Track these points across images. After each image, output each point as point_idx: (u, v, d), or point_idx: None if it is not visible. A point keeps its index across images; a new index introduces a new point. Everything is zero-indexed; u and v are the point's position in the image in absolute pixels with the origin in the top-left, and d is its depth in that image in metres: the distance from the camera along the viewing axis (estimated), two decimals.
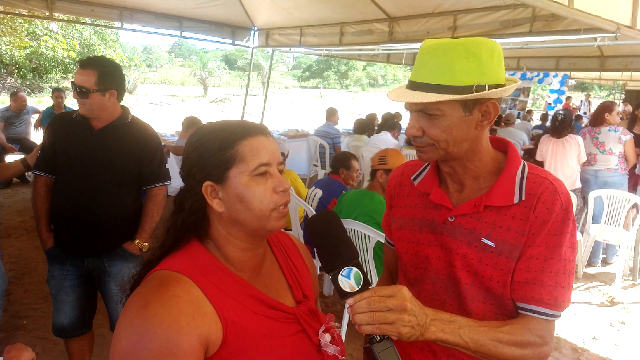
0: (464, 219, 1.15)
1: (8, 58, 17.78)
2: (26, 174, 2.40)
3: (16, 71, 18.82)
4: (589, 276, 4.85)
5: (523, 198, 1.11)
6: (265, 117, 8.66)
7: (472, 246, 1.13)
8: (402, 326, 0.93)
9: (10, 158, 6.78)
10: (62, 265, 2.35)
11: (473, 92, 1.03)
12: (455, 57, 1.03)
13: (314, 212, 3.44)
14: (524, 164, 1.17)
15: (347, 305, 0.95)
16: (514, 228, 1.10)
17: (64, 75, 21.21)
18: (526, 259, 1.09)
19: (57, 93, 7.00)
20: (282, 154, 4.55)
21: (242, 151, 0.96)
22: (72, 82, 2.23)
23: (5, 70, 18.77)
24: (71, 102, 9.74)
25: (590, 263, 5.02)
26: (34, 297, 3.80)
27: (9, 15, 12.70)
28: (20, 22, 15.12)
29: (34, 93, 18.61)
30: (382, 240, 1.52)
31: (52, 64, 19.93)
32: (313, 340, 1.03)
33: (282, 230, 1.15)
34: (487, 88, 1.04)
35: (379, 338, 0.93)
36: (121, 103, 2.36)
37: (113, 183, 2.28)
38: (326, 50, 8.08)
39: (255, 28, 7.67)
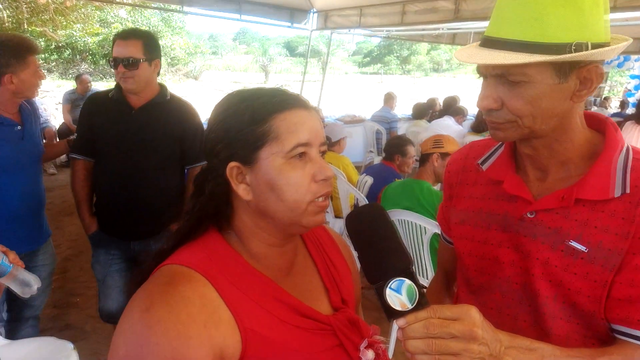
0: (548, 215, 0.93)
1: (81, 45, 18.73)
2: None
3: (89, 57, 19.81)
4: None
5: (627, 191, 0.87)
6: (322, 103, 8.51)
7: (556, 250, 0.92)
8: (469, 359, 0.72)
9: None
10: (107, 250, 2.33)
11: (571, 52, 0.79)
12: (548, 4, 0.79)
13: (365, 200, 3.22)
14: (628, 148, 0.91)
15: (394, 326, 0.73)
16: (614, 229, 0.87)
17: None
18: (630, 270, 0.85)
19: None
20: (329, 138, 4.35)
21: (277, 127, 0.79)
22: (114, 58, 2.14)
23: (79, 57, 19.80)
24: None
25: None
26: (89, 276, 3.88)
27: (80, 2, 13.32)
28: (92, 9, 15.84)
29: (105, 78, 19.53)
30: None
31: None
32: (352, 356, 0.84)
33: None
34: (589, 47, 0.79)
35: None
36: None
37: (155, 163, 2.21)
38: (387, 31, 7.75)
39: (314, 10, 7.49)
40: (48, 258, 2.40)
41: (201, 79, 30.14)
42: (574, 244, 0.90)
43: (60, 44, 17.94)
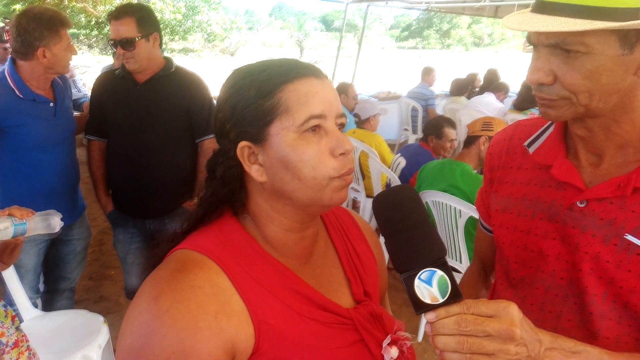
0: (601, 205, 0.84)
1: None
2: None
3: None
4: None
5: None
6: (357, 78, 8.34)
7: (609, 244, 0.83)
8: None
9: None
10: (125, 229, 2.36)
11: (639, 19, 0.69)
12: None
13: (397, 180, 3.11)
14: None
15: (423, 319, 0.67)
16: None
17: (172, 37, 22.38)
18: None
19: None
20: (358, 116, 4.24)
21: (286, 99, 0.72)
22: (111, 40, 2.13)
23: None
24: None
25: None
26: None
27: None
28: None
29: None
30: (477, 216, 1.18)
31: (160, 25, 21.05)
32: (374, 354, 0.78)
33: (346, 207, 0.89)
34: None
35: None
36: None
37: (164, 138, 2.19)
38: (426, 3, 7.45)
39: None
40: (84, 232, 2.45)
41: (237, 55, 30.24)
42: (630, 237, 0.81)
43: (100, 20, 18.30)
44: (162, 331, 0.65)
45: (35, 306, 2.25)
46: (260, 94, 0.73)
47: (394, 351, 0.80)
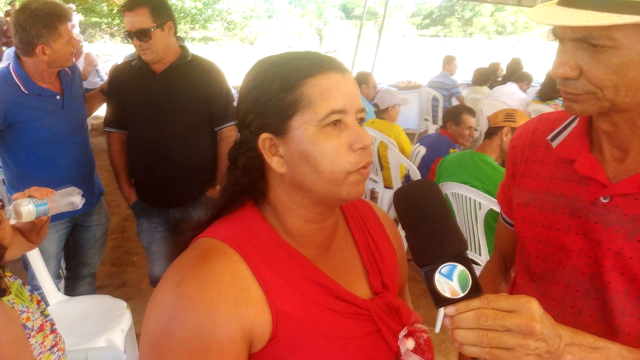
0: (625, 201, 0.83)
1: None
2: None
3: None
4: None
5: None
6: (376, 68, 8.26)
7: (632, 240, 0.82)
8: (524, 355, 0.67)
9: None
10: (149, 218, 2.39)
11: None
12: None
13: (416, 171, 3.09)
14: None
15: (441, 311, 0.70)
16: None
17: (192, 26, 22.44)
18: None
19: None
20: (377, 106, 4.19)
21: (309, 93, 0.73)
22: (126, 32, 2.13)
23: None
24: None
25: None
26: None
27: None
28: None
29: None
30: (497, 209, 1.17)
31: (181, 14, 21.15)
32: (390, 345, 0.79)
33: (364, 198, 0.89)
34: None
35: None
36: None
37: (184, 127, 2.20)
38: None
39: None
40: (102, 218, 2.49)
41: (257, 43, 30.18)
42: None
43: (122, 8, 18.47)
44: (184, 315, 0.68)
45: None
46: (283, 87, 0.74)
47: (410, 343, 0.81)
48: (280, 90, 0.74)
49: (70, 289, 2.51)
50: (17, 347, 1.30)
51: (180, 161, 2.21)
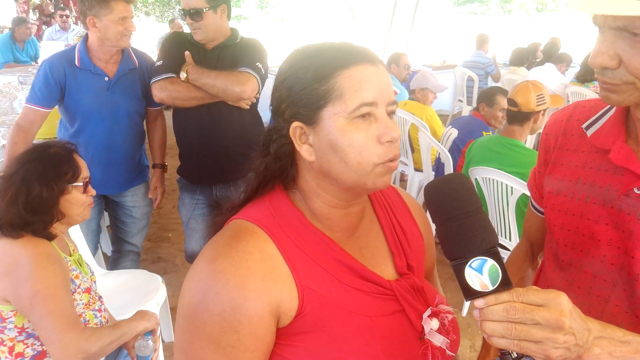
0: None
1: None
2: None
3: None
4: None
5: None
6: (409, 46, 8.09)
7: None
8: (553, 348, 0.67)
9: None
10: (192, 194, 2.44)
11: None
12: None
13: (447, 154, 3.06)
14: None
15: (467, 302, 0.68)
16: None
17: None
18: None
19: (176, 22, 7.32)
20: (409, 89, 4.11)
21: (341, 85, 0.75)
22: (181, 9, 2.19)
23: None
24: None
25: None
26: None
27: None
28: None
29: None
30: (529, 194, 1.17)
31: None
32: (414, 324, 0.82)
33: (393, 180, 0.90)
34: None
35: (515, 355, 0.70)
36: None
37: (229, 106, 2.23)
38: None
39: None
40: (139, 200, 2.57)
41: (288, 21, 29.96)
42: None
43: None
44: (216, 289, 0.73)
45: None
46: (316, 78, 0.76)
47: (435, 323, 0.82)
48: (314, 81, 0.76)
49: (115, 263, 2.62)
50: (63, 283, 1.41)
51: (223, 137, 2.25)
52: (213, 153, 2.28)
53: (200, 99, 2.20)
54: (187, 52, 2.19)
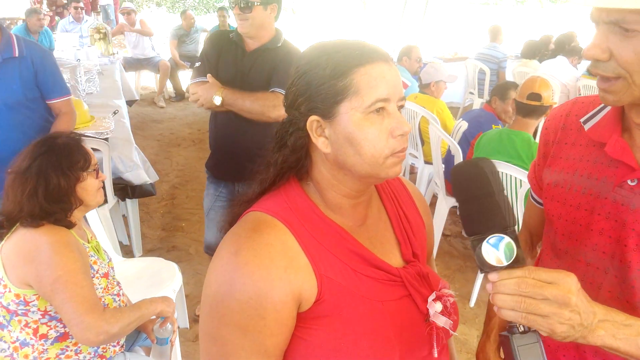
0: None
1: None
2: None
3: None
4: None
5: None
6: (422, 37, 8.04)
7: None
8: (558, 323, 0.73)
9: (181, 74, 7.48)
10: (216, 186, 2.50)
11: None
12: None
13: (457, 147, 3.08)
14: None
15: (476, 287, 0.73)
16: None
17: None
18: None
19: (221, 12, 7.36)
20: (421, 80, 4.10)
21: (358, 82, 0.80)
22: None
23: None
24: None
25: None
26: (194, 203, 4.25)
27: None
28: None
29: (209, 12, 20.05)
30: None
31: None
32: (420, 308, 0.89)
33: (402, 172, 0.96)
34: None
35: (522, 328, 0.77)
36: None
37: None
38: None
39: None
40: None
41: (298, 12, 29.78)
42: None
43: None
44: (242, 281, 0.78)
45: None
46: (335, 74, 0.80)
47: (438, 306, 0.89)
48: (332, 77, 0.80)
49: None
50: (82, 268, 1.47)
51: (250, 138, 2.25)
52: (236, 155, 2.31)
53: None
54: (209, 75, 2.21)
